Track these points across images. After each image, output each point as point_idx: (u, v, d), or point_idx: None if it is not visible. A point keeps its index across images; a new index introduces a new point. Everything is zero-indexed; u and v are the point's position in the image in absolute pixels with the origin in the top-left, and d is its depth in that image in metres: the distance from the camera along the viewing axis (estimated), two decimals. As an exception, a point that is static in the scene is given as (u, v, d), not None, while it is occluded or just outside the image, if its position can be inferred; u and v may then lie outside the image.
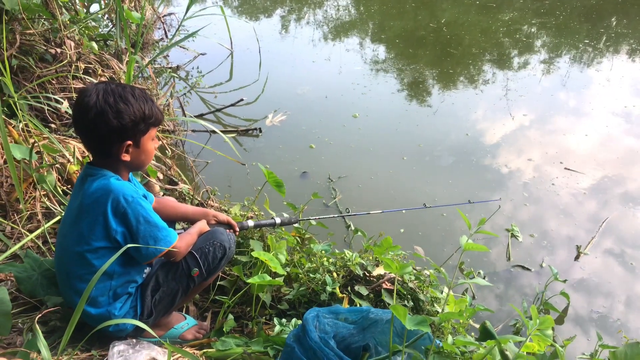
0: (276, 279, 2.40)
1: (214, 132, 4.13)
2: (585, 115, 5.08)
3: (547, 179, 4.04)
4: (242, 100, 4.80)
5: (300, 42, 6.72)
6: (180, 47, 6.05)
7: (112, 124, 1.72)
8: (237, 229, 2.30)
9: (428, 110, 5.09)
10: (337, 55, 6.36)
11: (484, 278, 3.11)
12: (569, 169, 4.14)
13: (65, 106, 3.26)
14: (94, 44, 3.76)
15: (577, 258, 3.31)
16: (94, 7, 5.02)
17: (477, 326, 1.93)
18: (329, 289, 2.26)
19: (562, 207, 3.74)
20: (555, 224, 3.58)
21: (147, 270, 2.05)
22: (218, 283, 2.46)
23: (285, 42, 6.74)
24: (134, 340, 1.94)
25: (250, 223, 2.38)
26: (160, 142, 2.02)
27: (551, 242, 3.43)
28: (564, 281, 2.98)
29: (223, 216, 2.26)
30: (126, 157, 1.82)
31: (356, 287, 2.35)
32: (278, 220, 2.48)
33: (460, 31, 7.09)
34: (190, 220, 2.22)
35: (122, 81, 3.64)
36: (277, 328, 2.09)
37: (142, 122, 1.80)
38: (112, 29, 4.78)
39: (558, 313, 2.89)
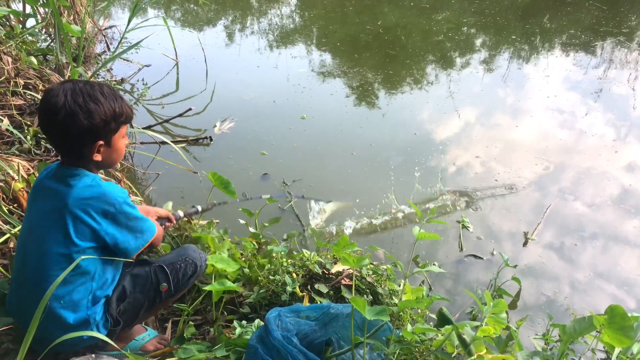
0: (235, 283, 2.41)
1: (163, 142, 4.08)
2: (524, 110, 5.30)
3: (490, 174, 4.19)
4: (190, 109, 4.75)
5: (246, 50, 6.72)
6: (124, 59, 5.93)
7: (83, 124, 1.67)
8: (174, 221, 2.38)
9: (376, 112, 5.19)
10: (283, 61, 6.41)
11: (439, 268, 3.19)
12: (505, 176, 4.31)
13: (5, 124, 3.15)
14: (33, 59, 3.66)
15: (525, 244, 3.45)
16: (31, 22, 4.88)
17: (435, 316, 1.98)
18: (289, 289, 2.27)
19: (507, 198, 3.89)
20: (503, 214, 3.72)
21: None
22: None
23: (231, 50, 6.72)
24: (93, 355, 1.89)
25: (180, 213, 2.49)
26: (129, 141, 2.00)
27: (500, 232, 3.57)
28: (515, 267, 3.10)
29: (162, 210, 2.32)
30: (98, 157, 1.78)
31: (316, 286, 2.37)
32: (199, 208, 2.66)
33: (402, 33, 7.26)
34: None
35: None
36: (239, 330, 2.08)
37: (113, 121, 1.75)
38: (52, 43, 4.65)
39: (511, 297, 3.00)
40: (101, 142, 1.75)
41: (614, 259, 3.37)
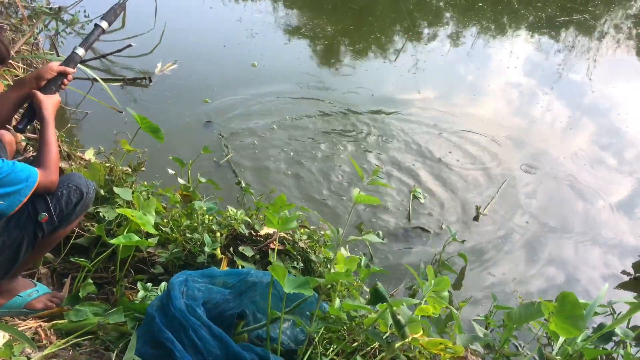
0: (149, 239, 2.09)
1: (95, 80, 3.66)
2: (486, 88, 5.08)
3: (446, 147, 3.95)
4: (130, 46, 4.32)
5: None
6: (64, -14, 5.36)
7: None
8: (73, 70, 1.85)
9: (334, 72, 4.88)
10: (240, 5, 6.00)
11: (382, 239, 2.96)
12: (469, 131, 4.10)
13: None
14: None
15: (476, 219, 3.26)
16: None
17: (374, 284, 1.73)
18: (207, 249, 1.98)
19: (462, 173, 3.67)
20: (456, 188, 3.51)
21: None
22: (75, 242, 2.10)
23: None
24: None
25: (79, 51, 1.88)
26: (3, 88, 1.59)
27: (452, 205, 3.35)
28: (462, 242, 2.91)
29: (54, 66, 1.80)
30: None
31: (240, 248, 2.09)
32: (104, 24, 1.95)
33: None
34: (24, 99, 1.77)
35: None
36: (141, 294, 1.79)
37: None
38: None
39: (456, 275, 2.81)
40: None
41: (571, 244, 3.21)
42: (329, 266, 2.24)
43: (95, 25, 1.96)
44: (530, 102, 4.77)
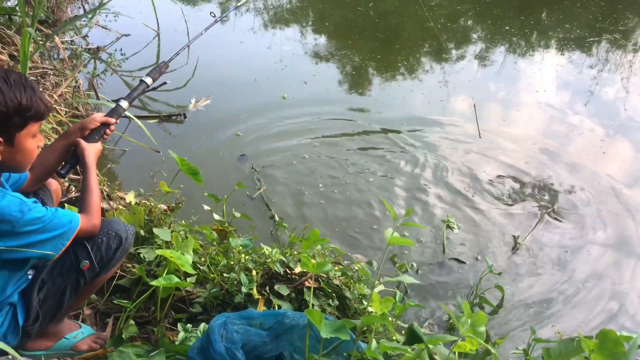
0: (187, 279, 2.15)
1: (129, 117, 3.79)
2: (516, 107, 5.05)
3: (480, 170, 3.94)
4: (165, 83, 4.41)
5: (232, 26, 6.40)
6: (102, 27, 5.59)
7: None
8: (115, 121, 1.95)
9: (367, 99, 4.94)
10: (269, 38, 6.13)
11: (416, 271, 2.96)
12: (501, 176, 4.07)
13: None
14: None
15: (514, 249, 3.21)
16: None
17: (409, 324, 1.74)
18: (244, 289, 2.01)
19: (499, 201, 3.64)
20: (493, 216, 3.47)
21: (30, 272, 1.75)
22: (117, 283, 2.17)
23: (216, 25, 6.40)
24: (7, 357, 1.63)
25: (123, 103, 1.99)
26: (44, 141, 1.69)
27: (488, 235, 3.32)
28: (499, 274, 2.88)
29: (97, 117, 1.90)
30: None
31: (276, 287, 2.12)
32: (149, 80, 2.09)
33: (393, 18, 6.97)
34: (69, 148, 1.86)
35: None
36: (182, 335, 1.84)
37: (17, 115, 1.46)
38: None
39: (492, 307, 2.78)
40: (0, 140, 1.47)
41: (611, 275, 3.12)
42: (364, 302, 2.25)
43: (140, 80, 2.10)
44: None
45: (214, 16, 2.49)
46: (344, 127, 4.31)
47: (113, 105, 1.99)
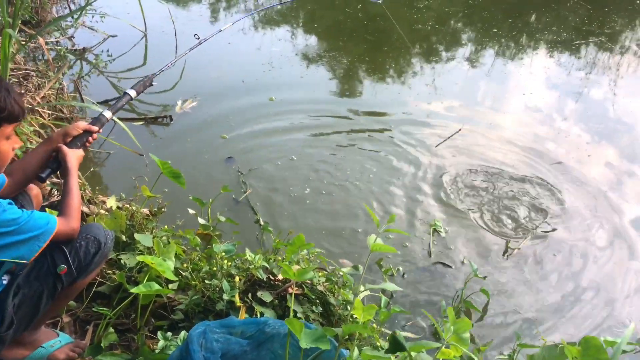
0: (169, 285, 2.12)
1: (114, 120, 3.75)
2: (505, 109, 5.06)
3: (470, 174, 3.94)
4: (151, 85, 4.41)
5: (228, 29, 6.36)
6: (89, 27, 5.53)
7: None
8: (97, 130, 1.94)
9: (356, 100, 4.93)
10: (259, 39, 6.11)
11: (402, 275, 2.95)
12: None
13: None
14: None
15: (505, 254, 3.20)
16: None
17: (392, 332, 1.72)
18: (226, 296, 1.99)
19: (486, 205, 3.64)
20: (479, 220, 3.47)
21: (5, 277, 1.71)
22: (97, 289, 2.14)
23: (203, 24, 6.37)
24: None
25: (107, 114, 2.00)
26: (20, 143, 1.66)
27: (474, 238, 3.31)
28: (484, 278, 2.87)
29: (80, 124, 1.90)
30: None
31: (259, 293, 2.09)
32: (133, 93, 2.12)
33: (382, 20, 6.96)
34: (51, 153, 1.84)
35: None
36: (161, 343, 1.81)
37: None
38: None
39: (478, 312, 2.77)
40: None
41: (597, 281, 3.12)
42: (348, 308, 2.23)
43: (124, 93, 2.13)
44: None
45: (198, 39, 2.51)
46: (331, 129, 4.29)
47: (97, 107, 1.99)
